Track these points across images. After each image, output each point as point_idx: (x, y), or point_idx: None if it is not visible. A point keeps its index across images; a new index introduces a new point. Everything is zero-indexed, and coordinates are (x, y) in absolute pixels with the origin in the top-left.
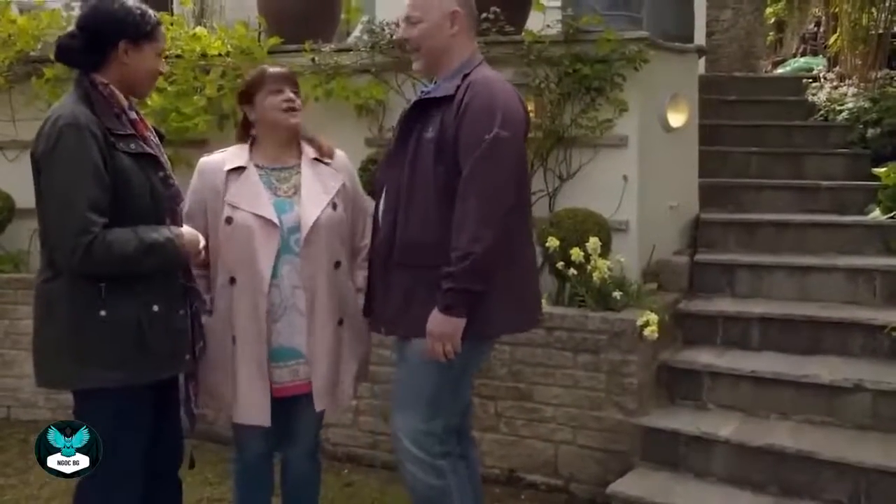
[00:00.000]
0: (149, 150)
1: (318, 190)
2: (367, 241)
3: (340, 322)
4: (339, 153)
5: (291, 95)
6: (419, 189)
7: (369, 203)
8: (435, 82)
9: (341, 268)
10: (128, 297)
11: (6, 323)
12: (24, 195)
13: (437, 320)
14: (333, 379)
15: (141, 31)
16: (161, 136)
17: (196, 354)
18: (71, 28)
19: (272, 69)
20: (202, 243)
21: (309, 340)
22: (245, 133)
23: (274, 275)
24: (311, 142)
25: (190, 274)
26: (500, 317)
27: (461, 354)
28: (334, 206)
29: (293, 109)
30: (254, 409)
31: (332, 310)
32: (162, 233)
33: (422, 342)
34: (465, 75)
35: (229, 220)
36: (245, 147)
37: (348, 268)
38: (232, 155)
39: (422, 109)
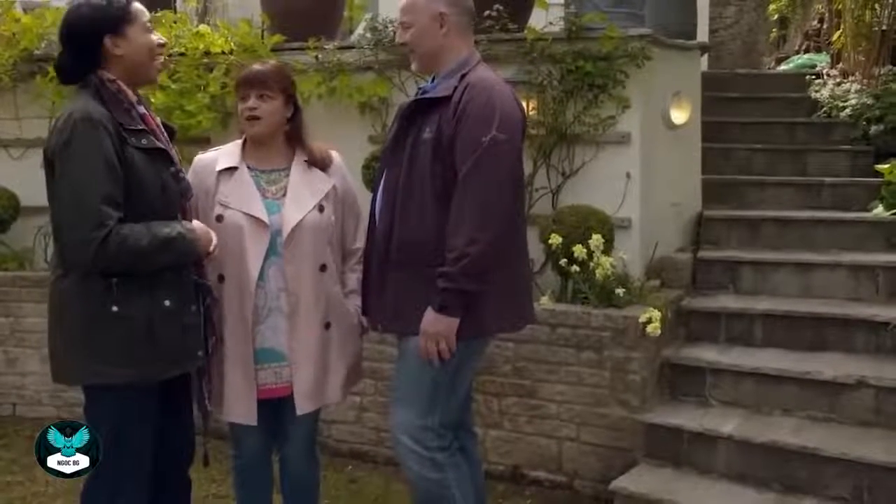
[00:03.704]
0: (160, 144)
1: (305, 193)
2: (360, 244)
3: (328, 326)
4: (336, 158)
5: (252, 103)
6: (416, 188)
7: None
8: (434, 79)
9: (328, 271)
10: (139, 293)
11: (11, 320)
12: (29, 193)
13: (431, 319)
14: (318, 382)
15: (116, 19)
16: (172, 132)
17: (209, 351)
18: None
19: (246, 72)
20: (215, 239)
21: (291, 344)
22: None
23: (260, 276)
24: (307, 150)
25: (202, 269)
26: (494, 316)
27: (456, 352)
28: (321, 209)
29: (253, 118)
30: (240, 408)
31: (317, 313)
32: (175, 228)
33: (418, 339)
34: (463, 76)
35: (220, 219)
36: (238, 145)
37: (336, 271)
38: (225, 154)
39: (419, 109)
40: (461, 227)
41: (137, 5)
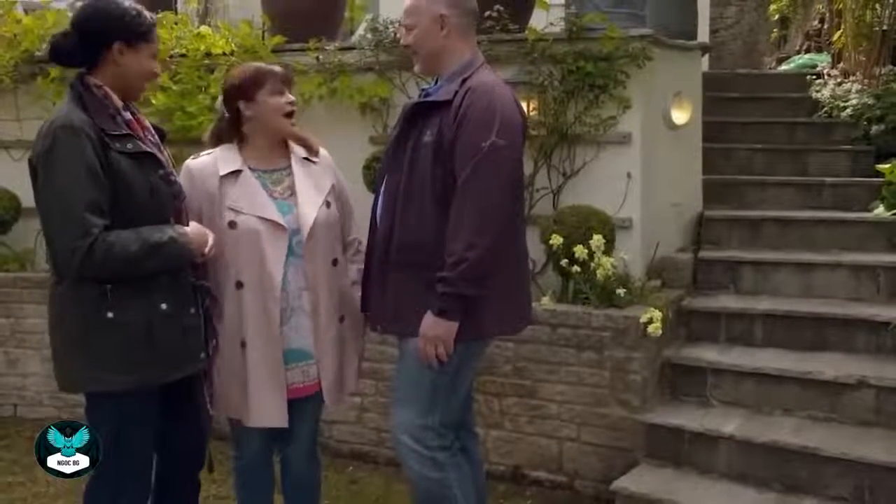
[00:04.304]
0: (146, 148)
1: (312, 190)
2: (354, 235)
3: (342, 319)
4: (323, 151)
5: (293, 98)
6: (416, 191)
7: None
8: (436, 81)
9: (339, 265)
10: (135, 298)
11: (12, 321)
12: (31, 195)
13: (430, 323)
14: (339, 376)
15: (136, 32)
16: (162, 135)
17: (209, 353)
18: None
19: (281, 70)
20: (211, 241)
21: (315, 340)
22: (234, 131)
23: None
24: (300, 140)
25: (200, 272)
26: (494, 319)
27: (455, 354)
28: (328, 205)
29: (293, 114)
30: (270, 412)
31: (333, 308)
32: (165, 232)
33: (417, 341)
34: (465, 79)
35: (233, 225)
36: (233, 148)
37: (344, 264)
38: (222, 158)
39: (420, 112)
40: (460, 232)
41: (157, 34)
